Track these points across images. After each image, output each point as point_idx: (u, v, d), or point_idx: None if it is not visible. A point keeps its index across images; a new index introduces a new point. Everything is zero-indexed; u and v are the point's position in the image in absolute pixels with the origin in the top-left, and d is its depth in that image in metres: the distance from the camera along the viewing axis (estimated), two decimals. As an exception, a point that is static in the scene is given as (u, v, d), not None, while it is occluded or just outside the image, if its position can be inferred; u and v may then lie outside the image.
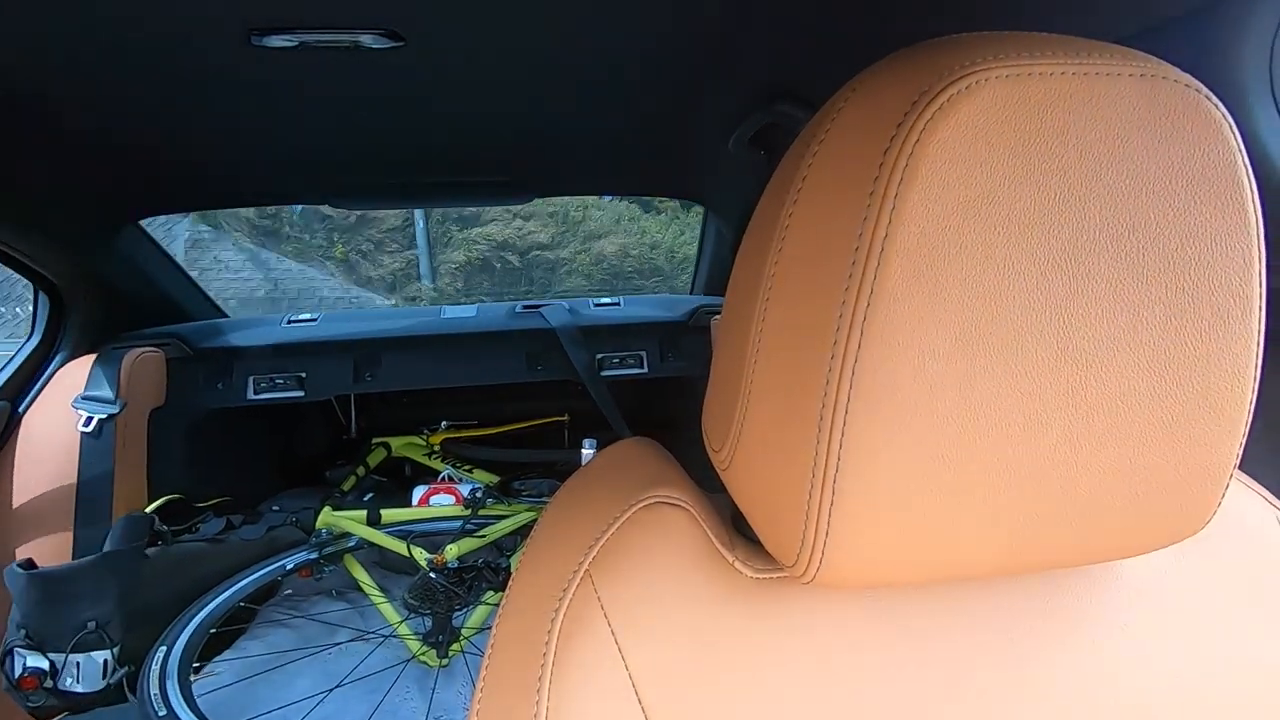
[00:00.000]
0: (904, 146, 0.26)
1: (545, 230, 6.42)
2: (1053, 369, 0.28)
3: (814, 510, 0.29)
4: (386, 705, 1.25)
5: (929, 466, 0.28)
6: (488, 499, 1.56)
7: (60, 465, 1.37)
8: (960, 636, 0.37)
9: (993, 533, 0.30)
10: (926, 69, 0.27)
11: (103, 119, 1.02)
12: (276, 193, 1.58)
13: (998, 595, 0.38)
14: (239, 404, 1.57)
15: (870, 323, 0.27)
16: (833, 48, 0.83)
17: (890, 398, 0.27)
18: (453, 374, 1.64)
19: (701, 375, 1.68)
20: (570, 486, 0.46)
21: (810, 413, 0.29)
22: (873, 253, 0.26)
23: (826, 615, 0.36)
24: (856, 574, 0.31)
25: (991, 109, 0.26)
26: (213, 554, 1.39)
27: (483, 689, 0.38)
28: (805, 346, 0.29)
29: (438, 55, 0.86)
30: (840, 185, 0.28)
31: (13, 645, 1.16)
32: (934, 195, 0.26)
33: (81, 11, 0.71)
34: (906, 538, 0.30)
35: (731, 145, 1.12)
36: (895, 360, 0.27)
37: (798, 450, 0.30)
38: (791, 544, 0.31)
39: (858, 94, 0.29)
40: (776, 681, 0.35)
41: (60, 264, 1.41)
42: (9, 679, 1.15)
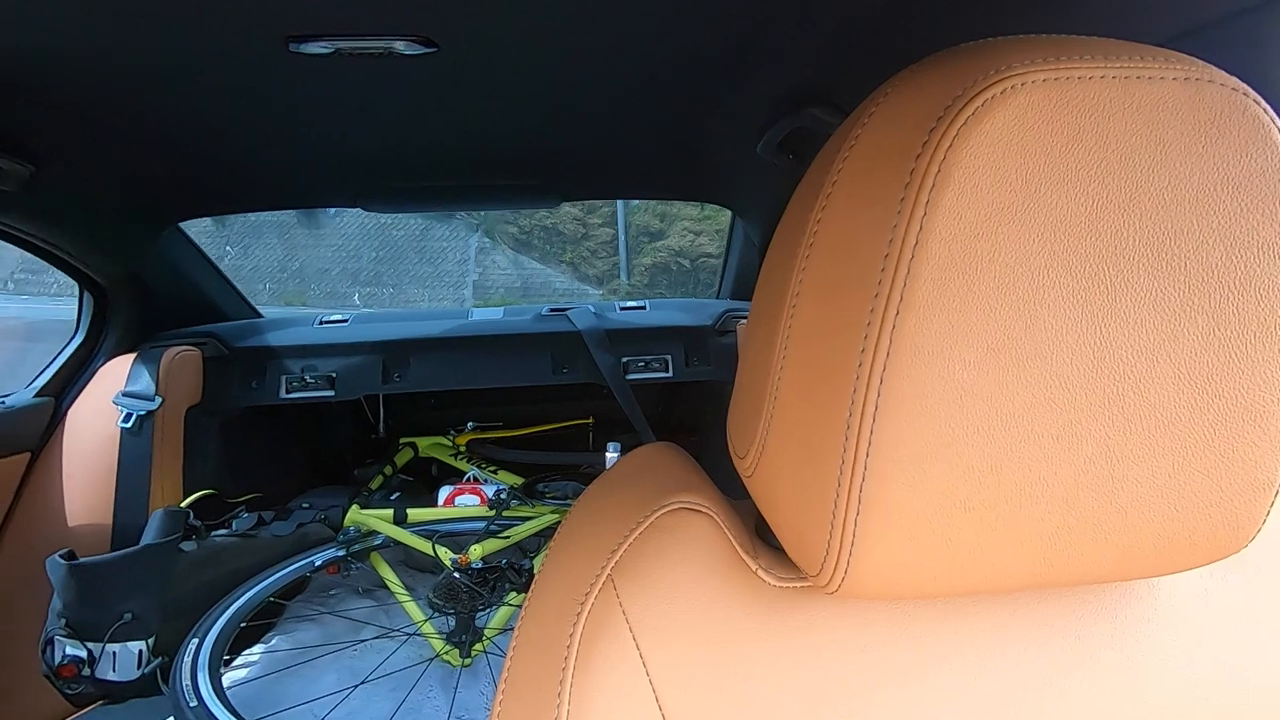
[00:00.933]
0: (936, 152, 0.25)
1: (712, 243, 8.57)
2: (1088, 380, 0.27)
3: (839, 519, 0.29)
4: (410, 703, 1.26)
5: (958, 478, 0.28)
6: (512, 500, 1.58)
7: (101, 459, 1.41)
8: (988, 652, 0.36)
9: (1023, 546, 0.29)
10: (961, 73, 0.26)
11: (147, 125, 1.05)
12: (311, 196, 1.62)
13: (1028, 610, 0.37)
14: (272, 403, 1.60)
15: (899, 330, 0.26)
16: (864, 52, 0.82)
17: (919, 407, 0.27)
18: (479, 376, 1.66)
19: (727, 381, 1.68)
20: (594, 490, 0.46)
21: (837, 420, 0.28)
22: (903, 259, 0.26)
23: (850, 627, 0.36)
24: (882, 585, 0.30)
25: (1028, 114, 0.25)
26: (244, 549, 1.42)
27: (505, 690, 0.38)
28: (832, 353, 0.29)
29: (469, 61, 0.87)
30: (870, 190, 0.28)
31: (53, 634, 1.20)
32: (967, 202, 0.26)
33: (127, 22, 0.73)
34: (934, 549, 0.29)
35: (760, 150, 1.11)
36: (924, 369, 0.27)
37: (823, 458, 0.29)
38: (816, 553, 0.31)
39: (890, 98, 0.29)
40: (798, 692, 0.35)
41: (105, 264, 1.46)
42: (49, 666, 1.19)
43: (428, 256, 9.56)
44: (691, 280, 8.55)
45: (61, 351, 1.52)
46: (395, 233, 9.60)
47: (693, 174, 1.48)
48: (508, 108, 1.06)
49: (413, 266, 9.49)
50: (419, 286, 9.37)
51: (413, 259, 9.53)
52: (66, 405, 1.47)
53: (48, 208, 1.23)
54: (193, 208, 1.54)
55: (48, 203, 1.21)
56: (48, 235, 1.30)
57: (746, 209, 1.66)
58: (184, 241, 1.64)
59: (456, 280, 9.39)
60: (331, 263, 9.37)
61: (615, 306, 1.88)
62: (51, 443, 1.44)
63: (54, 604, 1.21)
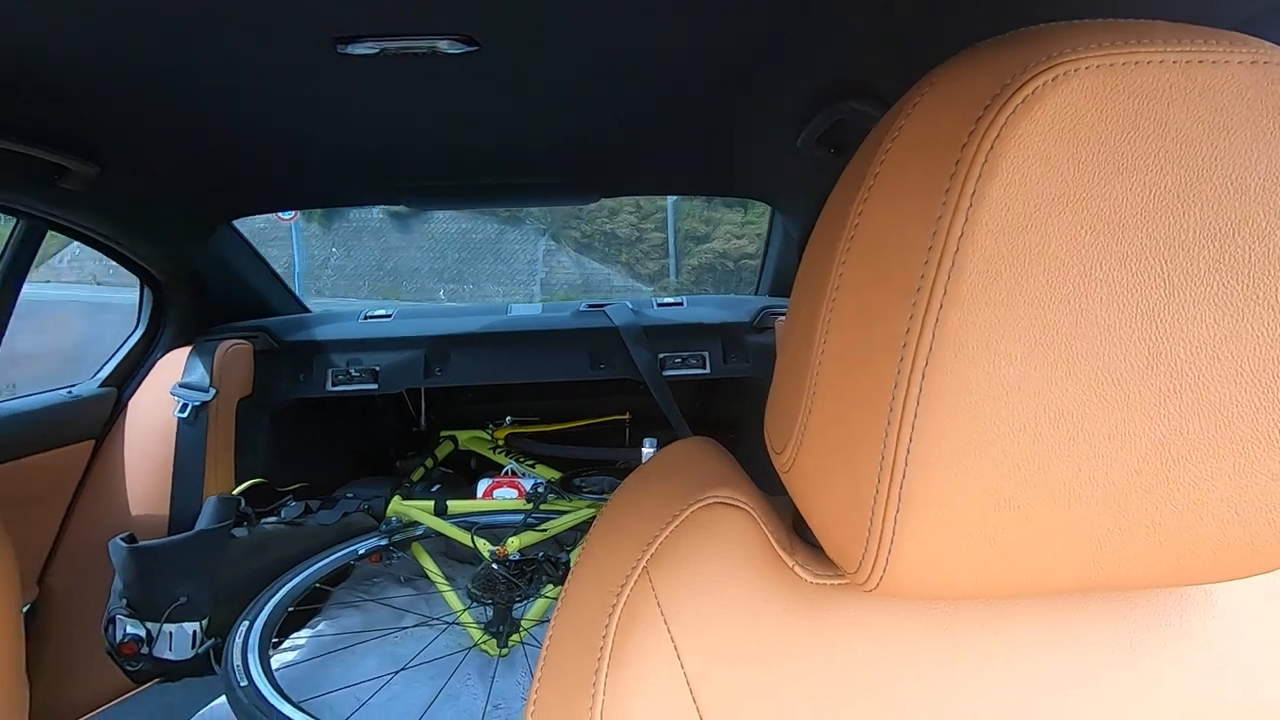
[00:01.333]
0: (983, 142, 0.25)
1: (752, 245, 9.73)
2: (1142, 376, 0.26)
3: (878, 517, 0.28)
4: (448, 690, 1.29)
5: (1003, 476, 0.27)
6: (549, 494, 1.59)
7: (159, 447, 1.47)
8: (1033, 655, 0.35)
9: (1072, 548, 0.28)
10: (1010, 60, 0.25)
11: (203, 127, 1.09)
12: (357, 193, 1.66)
13: (1075, 613, 0.36)
14: (318, 395, 1.65)
15: (942, 325, 0.26)
16: (908, 42, 0.80)
17: (962, 403, 0.26)
18: (517, 371, 1.68)
19: (764, 378, 1.67)
20: (630, 484, 0.46)
21: (877, 416, 0.28)
22: (947, 252, 0.25)
23: (888, 625, 0.35)
24: (921, 584, 0.30)
25: (1082, 101, 0.24)
26: (292, 536, 1.47)
27: (540, 680, 0.38)
28: (873, 348, 0.28)
29: (510, 59, 0.88)
30: (914, 182, 0.27)
31: (115, 613, 1.26)
32: (1015, 193, 0.25)
33: (187, 29, 0.76)
34: (977, 549, 0.28)
35: (800, 144, 1.10)
36: (968, 364, 0.26)
37: (863, 454, 0.29)
38: (854, 550, 0.30)
39: (934, 88, 0.28)
40: (833, 691, 0.34)
41: (163, 261, 1.52)
42: (111, 644, 1.25)
43: (502, 257, 11.14)
44: (734, 279, 9.82)
45: (124, 344, 1.59)
46: (474, 236, 11.13)
47: (732, 169, 1.47)
48: (548, 105, 1.07)
49: (489, 266, 11.02)
50: (494, 283, 10.92)
51: (489, 259, 11.09)
52: (128, 395, 1.54)
53: (111, 207, 1.29)
54: (244, 206, 1.60)
55: (111, 202, 1.26)
56: (111, 232, 1.36)
57: (786, 204, 1.64)
58: (236, 238, 1.70)
59: (526, 278, 10.92)
60: (420, 262, 10.98)
61: (653, 303, 1.88)
62: (113, 431, 1.51)
63: (115, 584, 1.27)
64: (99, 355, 1.58)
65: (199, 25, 0.76)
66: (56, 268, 8.13)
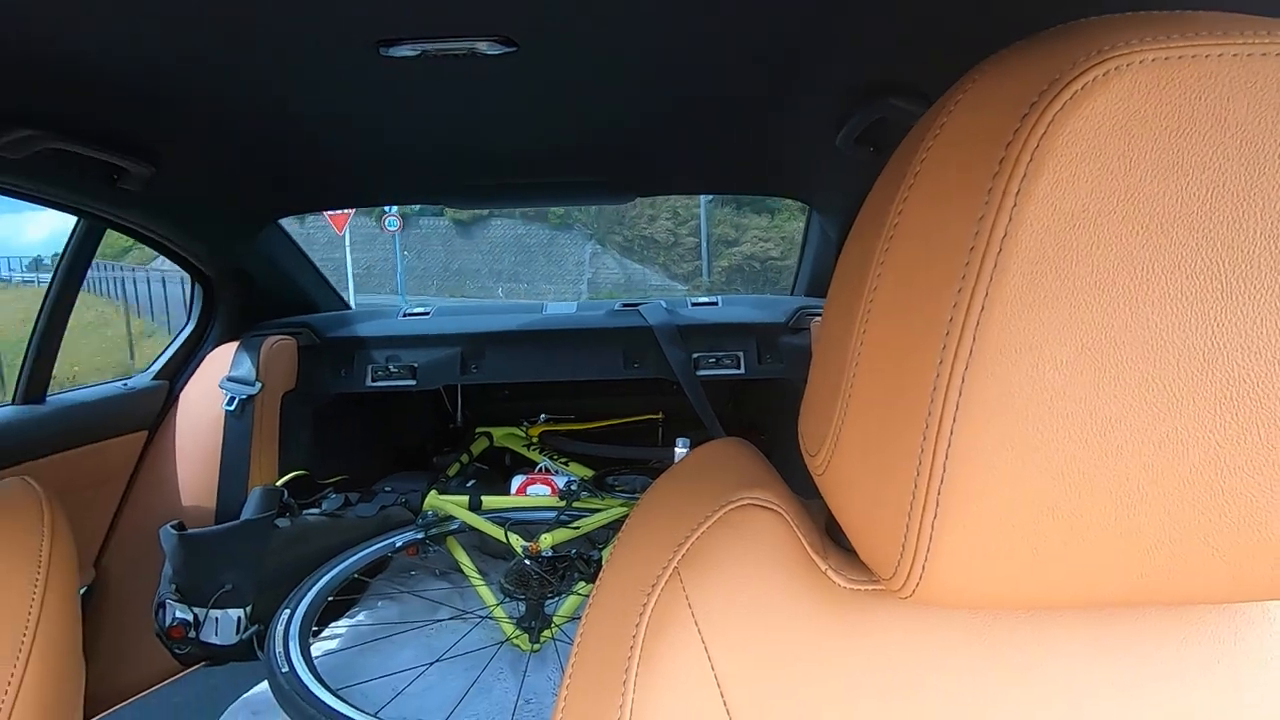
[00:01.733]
0: (1029, 139, 0.24)
1: (777, 248, 11.59)
2: (1196, 383, 0.25)
3: (915, 522, 0.28)
4: (481, 683, 1.31)
5: (1046, 484, 0.26)
6: (582, 492, 1.60)
7: (207, 439, 1.52)
8: (1075, 668, 0.34)
9: (1118, 560, 0.27)
10: (1058, 55, 0.25)
11: (252, 129, 1.12)
12: (397, 192, 1.69)
13: (1121, 624, 0.35)
14: (358, 390, 1.69)
15: (984, 327, 0.25)
16: (951, 38, 0.78)
17: (1004, 408, 0.26)
18: (552, 369, 1.69)
19: (799, 378, 1.65)
20: (662, 484, 0.46)
21: (915, 420, 0.27)
22: (989, 252, 0.25)
23: (924, 634, 0.35)
24: (959, 593, 0.29)
25: (1133, 96, 0.24)
26: (332, 528, 1.51)
27: (571, 676, 0.39)
28: (911, 350, 0.28)
29: (547, 59, 0.89)
30: (956, 181, 0.27)
31: (165, 598, 1.31)
32: (1062, 191, 0.24)
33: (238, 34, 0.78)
34: (1018, 558, 0.28)
35: (839, 142, 1.08)
36: (1011, 368, 0.25)
37: (899, 458, 0.28)
38: (889, 556, 0.30)
39: (979, 84, 0.27)
40: (865, 696, 0.34)
41: (213, 258, 1.57)
42: (160, 627, 1.30)
43: (553, 259, 12.99)
44: (760, 279, 11.44)
45: (175, 338, 1.65)
46: (528, 240, 13.03)
47: (769, 168, 1.46)
48: (585, 104, 1.07)
49: (542, 267, 12.90)
50: (546, 283, 12.75)
51: (542, 261, 13.00)
52: (179, 388, 1.60)
53: (165, 206, 1.34)
54: (290, 205, 1.64)
55: (165, 201, 1.31)
56: (164, 231, 1.42)
57: (823, 203, 1.62)
58: (282, 236, 1.75)
59: (575, 278, 12.72)
60: (481, 264, 12.99)
61: (687, 302, 1.87)
62: (165, 422, 1.57)
63: (165, 570, 1.32)
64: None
65: (249, 31, 0.78)
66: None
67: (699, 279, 11.77)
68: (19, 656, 0.52)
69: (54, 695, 0.54)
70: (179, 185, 1.27)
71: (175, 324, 1.78)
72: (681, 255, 12.10)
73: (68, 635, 0.57)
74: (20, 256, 11.03)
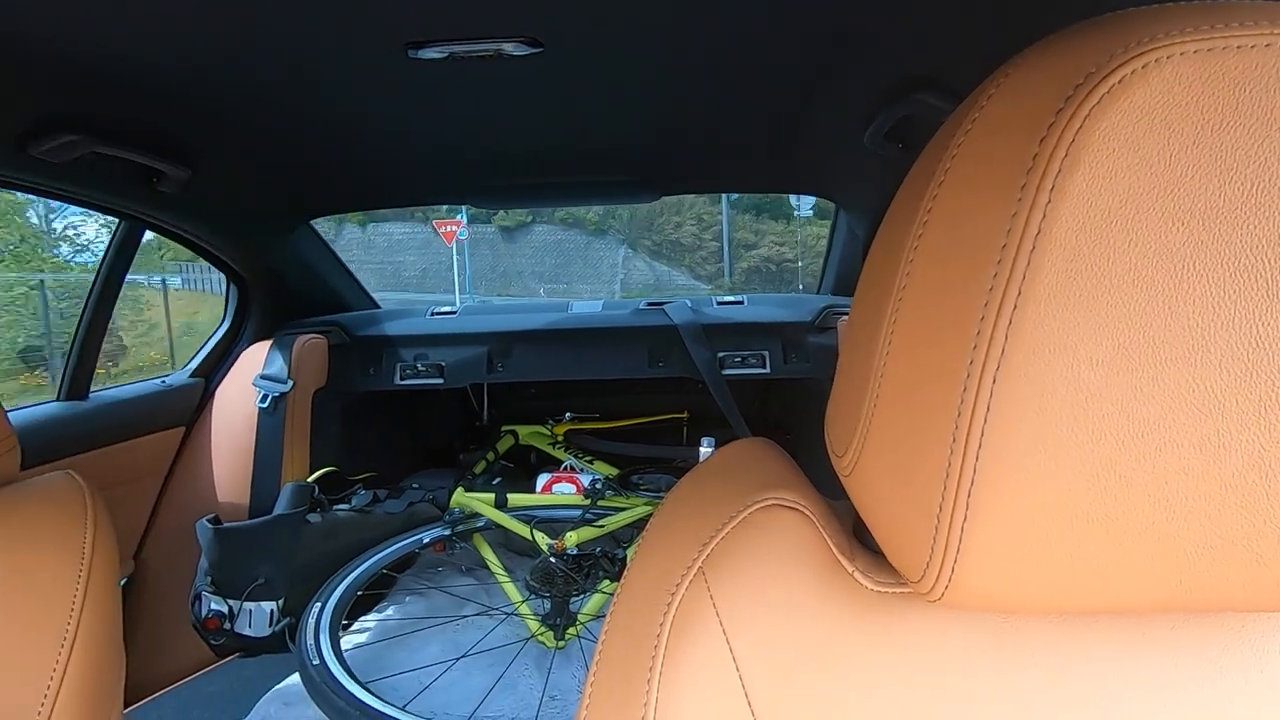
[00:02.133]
0: (1064, 134, 0.24)
1: (791, 251, 12.98)
2: (1239, 384, 0.24)
3: (944, 524, 0.27)
4: (506, 679, 1.32)
5: (1081, 486, 0.26)
6: (607, 490, 1.61)
7: (241, 435, 1.56)
8: (1109, 675, 0.33)
9: (1156, 565, 0.27)
10: (1095, 47, 0.24)
11: (283, 132, 1.15)
12: (426, 193, 1.71)
13: (1159, 634, 0.34)
14: (387, 388, 1.71)
15: (1017, 325, 0.25)
16: (982, 32, 0.77)
17: (1038, 408, 0.25)
18: (577, 367, 1.70)
19: (825, 378, 1.63)
20: (687, 483, 0.46)
21: (944, 421, 0.27)
22: (1023, 249, 0.24)
23: (952, 637, 0.34)
24: (989, 596, 0.29)
25: (1173, 89, 0.23)
26: (361, 524, 1.53)
27: (596, 674, 0.39)
28: (941, 349, 0.27)
29: (573, 59, 0.89)
30: (988, 177, 0.26)
31: (201, 590, 1.34)
32: (1098, 187, 0.24)
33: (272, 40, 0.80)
34: (1050, 562, 0.27)
35: (867, 139, 1.07)
36: (1045, 368, 0.25)
37: (928, 460, 0.28)
38: (918, 558, 0.29)
39: (1011, 78, 0.27)
40: (893, 701, 0.33)
41: (247, 259, 1.61)
42: (197, 618, 1.34)
43: (589, 262, 14.43)
44: (777, 279, 12.91)
45: (211, 336, 1.69)
46: (567, 245, 14.55)
47: (796, 165, 1.45)
48: (610, 103, 1.07)
49: (579, 269, 14.33)
50: (583, 283, 14.19)
51: (579, 263, 14.46)
52: (214, 385, 1.63)
53: (201, 208, 1.37)
54: (321, 206, 1.67)
55: (201, 203, 1.34)
56: (200, 233, 1.45)
57: (851, 201, 1.60)
58: (313, 237, 1.78)
59: (609, 278, 14.07)
60: (525, 266, 14.61)
61: (712, 301, 1.86)
62: (201, 419, 1.61)
63: (201, 563, 1.35)
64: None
65: (283, 37, 0.80)
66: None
67: (721, 279, 13.16)
68: (64, 644, 0.54)
69: (96, 682, 0.56)
70: (215, 187, 1.30)
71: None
72: (705, 258, 13.51)
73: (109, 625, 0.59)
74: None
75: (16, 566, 0.54)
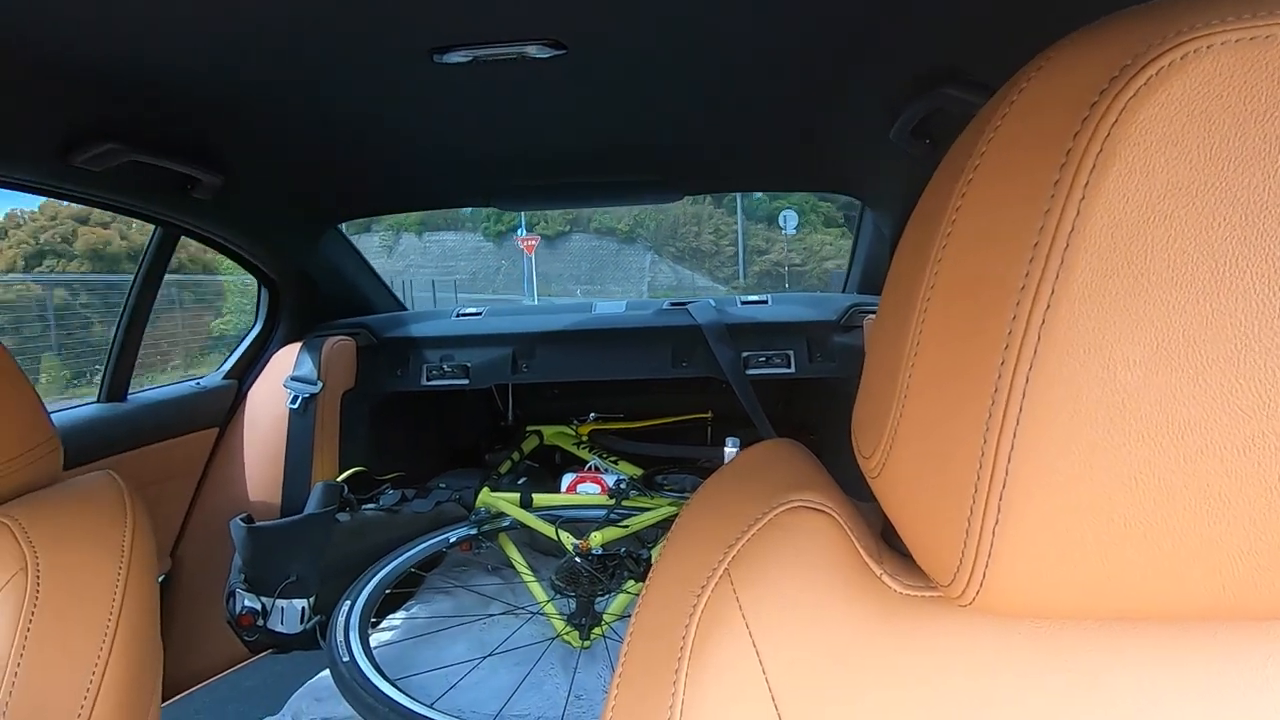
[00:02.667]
0: (1099, 127, 0.23)
1: (798, 255, 15.04)
2: None
3: (975, 527, 0.27)
4: (532, 678, 1.33)
5: (1118, 490, 0.25)
6: (631, 490, 1.61)
7: (273, 436, 1.59)
8: (1147, 682, 0.32)
9: (1197, 570, 0.26)
10: (1132, 38, 0.23)
11: (312, 138, 1.17)
12: (451, 196, 1.73)
13: (1200, 642, 0.33)
14: (414, 389, 1.73)
15: (1050, 325, 0.24)
16: (1012, 23, 0.75)
17: (1072, 409, 0.25)
18: (601, 368, 1.70)
19: (852, 378, 1.62)
20: (712, 484, 0.46)
21: (975, 422, 0.26)
22: (1056, 246, 0.24)
23: (984, 643, 0.33)
24: (1023, 601, 0.28)
25: (1215, 80, 0.22)
26: (389, 523, 1.55)
27: (621, 675, 0.39)
28: (971, 349, 0.27)
29: (596, 60, 0.89)
30: (1020, 172, 0.25)
31: (235, 587, 1.37)
32: (1135, 182, 0.23)
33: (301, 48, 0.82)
34: (1086, 567, 0.26)
35: (893, 136, 1.05)
36: (1080, 368, 0.24)
37: (958, 461, 0.27)
38: (948, 562, 0.29)
39: (1044, 71, 0.26)
40: (923, 706, 0.33)
41: (278, 263, 1.64)
42: (231, 615, 1.37)
43: (620, 266, 16.55)
44: (784, 280, 14.63)
45: (244, 339, 1.73)
46: (600, 251, 16.78)
47: (820, 163, 1.43)
48: (633, 104, 1.08)
49: (611, 272, 16.07)
50: (615, 284, 16.05)
51: (611, 268, 16.60)
52: (247, 387, 1.67)
53: (233, 213, 1.40)
54: (349, 210, 1.70)
55: (233, 209, 1.37)
56: (232, 237, 1.48)
57: (877, 199, 1.58)
58: (341, 241, 1.81)
59: (638, 280, 15.97)
60: (564, 270, 16.66)
61: (736, 301, 1.86)
62: (234, 420, 1.64)
63: (235, 560, 1.38)
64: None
65: (312, 46, 0.81)
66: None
67: (737, 280, 15.62)
68: (105, 638, 0.56)
69: (136, 676, 0.58)
70: (246, 193, 1.33)
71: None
72: (722, 262, 16.00)
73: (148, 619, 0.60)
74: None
75: (60, 564, 0.56)
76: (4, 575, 0.54)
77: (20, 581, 0.54)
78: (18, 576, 0.54)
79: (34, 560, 0.55)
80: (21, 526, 0.56)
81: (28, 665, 0.52)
